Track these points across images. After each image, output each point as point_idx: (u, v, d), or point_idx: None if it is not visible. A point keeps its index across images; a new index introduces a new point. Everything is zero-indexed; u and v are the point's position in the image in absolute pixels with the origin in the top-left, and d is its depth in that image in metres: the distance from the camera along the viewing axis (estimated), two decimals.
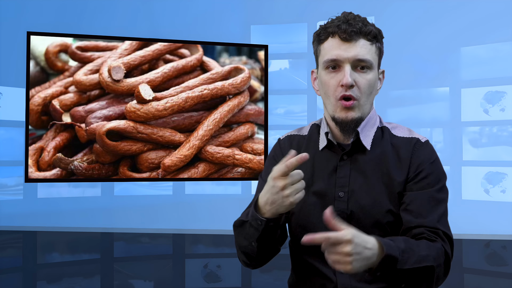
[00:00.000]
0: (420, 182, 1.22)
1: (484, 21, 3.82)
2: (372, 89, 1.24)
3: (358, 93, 1.21)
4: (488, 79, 3.85)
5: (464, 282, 3.28)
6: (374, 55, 1.23)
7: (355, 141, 1.25)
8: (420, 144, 1.27)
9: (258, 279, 3.41)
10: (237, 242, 1.27)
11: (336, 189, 1.24)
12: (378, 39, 1.24)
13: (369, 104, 1.26)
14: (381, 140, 1.28)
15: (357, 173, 1.24)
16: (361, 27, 1.20)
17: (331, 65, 1.23)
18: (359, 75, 1.21)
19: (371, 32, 1.21)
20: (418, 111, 3.99)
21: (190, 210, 4.13)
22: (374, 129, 1.29)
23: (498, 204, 3.78)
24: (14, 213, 4.03)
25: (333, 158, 1.27)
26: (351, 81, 1.19)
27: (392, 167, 1.24)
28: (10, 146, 3.96)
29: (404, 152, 1.25)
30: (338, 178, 1.25)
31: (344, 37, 1.20)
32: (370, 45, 1.22)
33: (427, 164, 1.24)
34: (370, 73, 1.22)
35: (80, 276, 3.43)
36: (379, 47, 1.25)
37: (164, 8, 4.21)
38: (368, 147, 1.25)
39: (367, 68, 1.22)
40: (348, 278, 1.22)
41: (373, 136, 1.28)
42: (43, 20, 3.88)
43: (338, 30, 1.21)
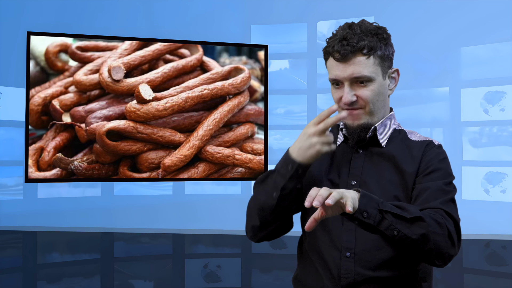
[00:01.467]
0: (429, 176, 1.26)
1: (484, 21, 3.82)
2: (378, 96, 1.28)
3: (362, 103, 1.27)
4: (488, 79, 3.84)
5: (464, 282, 3.28)
6: (372, 67, 1.25)
7: (371, 137, 1.30)
8: (433, 145, 1.33)
9: (258, 279, 3.41)
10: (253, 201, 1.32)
11: (349, 178, 1.30)
12: (376, 48, 1.25)
13: (379, 108, 1.30)
14: (396, 140, 1.33)
15: (370, 165, 1.30)
16: (355, 45, 1.23)
17: (334, 82, 1.29)
18: (359, 89, 1.26)
19: (365, 47, 1.23)
20: (418, 111, 3.99)
21: (190, 210, 4.13)
22: (391, 130, 1.34)
23: (498, 204, 3.78)
24: (14, 213, 4.03)
25: (349, 151, 1.34)
26: (350, 99, 1.25)
27: (403, 162, 1.29)
28: (10, 146, 3.96)
29: (416, 151, 1.31)
30: (352, 168, 1.31)
31: (338, 58, 1.25)
32: (367, 59, 1.24)
33: (436, 161, 1.29)
34: (372, 85, 1.26)
35: (80, 276, 3.43)
36: (379, 55, 1.26)
37: (164, 8, 4.21)
38: (383, 144, 1.31)
39: (366, 81, 1.25)
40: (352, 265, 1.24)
41: (389, 135, 1.33)
42: (43, 20, 3.88)
43: (333, 51, 1.26)
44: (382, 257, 1.24)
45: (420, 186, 1.25)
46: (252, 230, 1.33)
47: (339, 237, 1.26)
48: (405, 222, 1.13)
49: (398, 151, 1.30)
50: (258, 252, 3.70)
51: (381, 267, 1.24)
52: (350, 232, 1.26)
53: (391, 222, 1.12)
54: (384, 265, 1.24)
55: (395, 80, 1.36)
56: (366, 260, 1.24)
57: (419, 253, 1.16)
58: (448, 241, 1.16)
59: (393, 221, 1.12)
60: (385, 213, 1.13)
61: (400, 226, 1.13)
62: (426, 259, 1.18)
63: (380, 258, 1.24)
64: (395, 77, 1.36)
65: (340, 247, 1.26)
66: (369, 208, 1.11)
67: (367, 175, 1.29)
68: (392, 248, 1.23)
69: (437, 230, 1.14)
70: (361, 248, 1.25)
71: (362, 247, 1.25)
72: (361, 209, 1.11)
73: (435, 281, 3.18)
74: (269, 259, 3.66)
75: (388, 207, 1.13)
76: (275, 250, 3.71)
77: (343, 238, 1.26)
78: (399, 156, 1.29)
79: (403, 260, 1.26)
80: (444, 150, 1.35)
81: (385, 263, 1.24)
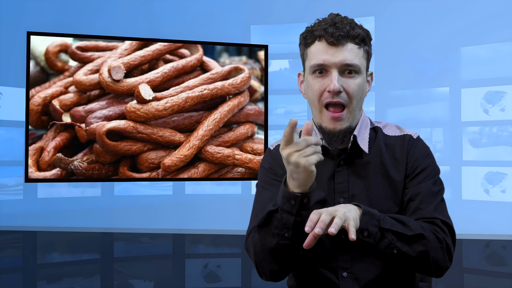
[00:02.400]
0: (416, 178, 1.22)
1: (484, 21, 3.82)
2: (361, 93, 1.21)
3: (346, 99, 1.18)
4: (488, 79, 3.84)
5: (464, 282, 3.28)
6: (362, 59, 1.20)
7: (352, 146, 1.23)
8: (413, 141, 1.26)
9: (258, 279, 3.41)
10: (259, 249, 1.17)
11: (336, 195, 1.23)
12: (366, 42, 1.21)
13: (358, 110, 1.23)
14: (375, 141, 1.26)
15: (355, 177, 1.23)
16: (349, 31, 1.17)
17: (318, 69, 1.19)
18: (347, 80, 1.18)
19: (359, 36, 1.18)
20: (418, 111, 3.99)
21: (190, 210, 4.13)
22: (367, 131, 1.27)
23: (498, 204, 3.78)
24: (14, 213, 4.03)
25: (330, 164, 1.24)
26: (339, 87, 1.16)
27: (390, 168, 1.23)
28: (10, 146, 3.95)
29: (399, 152, 1.25)
30: (337, 184, 1.23)
31: (331, 41, 1.17)
32: (358, 49, 1.19)
33: (422, 158, 1.24)
34: (358, 78, 1.19)
35: (80, 276, 3.43)
36: (367, 50, 1.22)
37: (164, 8, 4.21)
38: (366, 150, 1.24)
39: (355, 72, 1.18)
40: (351, 284, 1.21)
41: (368, 138, 1.26)
42: (43, 20, 3.87)
43: (325, 33, 1.18)
44: (379, 271, 1.22)
45: (411, 191, 1.21)
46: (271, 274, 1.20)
47: (334, 254, 1.22)
48: (406, 240, 1.11)
49: (380, 156, 1.24)
50: None
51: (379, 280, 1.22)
52: (346, 251, 1.22)
53: (391, 240, 1.10)
54: (382, 278, 1.22)
55: (369, 83, 1.27)
56: (364, 277, 1.21)
57: (416, 268, 1.16)
58: (446, 256, 1.15)
59: (393, 240, 1.10)
60: (385, 231, 1.10)
61: (400, 244, 1.11)
62: (422, 272, 1.17)
63: (377, 273, 1.22)
64: (370, 81, 1.27)
65: (336, 267, 1.22)
66: (370, 226, 1.08)
67: (354, 189, 1.22)
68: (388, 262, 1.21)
69: (437, 246, 1.13)
70: (358, 266, 1.21)
71: (358, 265, 1.21)
72: (362, 228, 1.08)
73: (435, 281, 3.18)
74: None
75: (388, 224, 1.10)
76: None
77: (339, 257, 1.22)
78: (384, 162, 1.23)
79: (400, 271, 1.24)
80: (423, 141, 1.28)
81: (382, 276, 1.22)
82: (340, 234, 1.23)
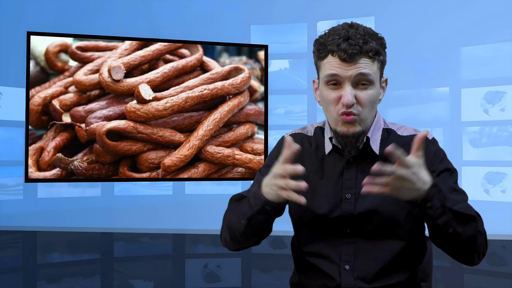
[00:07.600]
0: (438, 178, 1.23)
1: (484, 21, 3.82)
2: (374, 103, 1.23)
3: (359, 109, 1.20)
4: (488, 79, 3.84)
5: (464, 282, 3.28)
6: (375, 71, 1.20)
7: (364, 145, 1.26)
8: (428, 142, 1.28)
9: (258, 279, 3.41)
10: (226, 216, 1.30)
11: (343, 191, 1.25)
12: (380, 53, 1.21)
13: (372, 116, 1.25)
14: (387, 142, 1.27)
15: (363, 175, 1.23)
16: (362, 46, 1.17)
17: (331, 81, 1.21)
18: (360, 91, 1.20)
19: (372, 50, 1.18)
20: (418, 111, 3.99)
21: (190, 210, 4.13)
22: (380, 132, 1.29)
23: (498, 204, 3.78)
24: (14, 213, 4.03)
25: (340, 161, 1.28)
26: (352, 100, 1.18)
27: None
28: (10, 146, 3.95)
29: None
30: (345, 180, 1.26)
31: (344, 58, 1.17)
32: (372, 62, 1.19)
33: (438, 161, 1.26)
34: (371, 89, 1.21)
35: (80, 276, 3.43)
36: (381, 60, 1.22)
37: (164, 8, 4.21)
38: (377, 152, 1.26)
39: (368, 83, 1.20)
40: (352, 278, 1.22)
41: (380, 139, 1.28)
42: (43, 20, 3.87)
43: (338, 50, 1.18)
44: (381, 267, 1.23)
45: None
46: (224, 241, 1.31)
47: (338, 248, 1.24)
48: (460, 220, 1.12)
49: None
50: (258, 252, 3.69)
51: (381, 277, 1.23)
52: (350, 244, 1.24)
53: (449, 219, 1.11)
54: (384, 275, 1.23)
55: (384, 89, 1.29)
56: (366, 272, 1.22)
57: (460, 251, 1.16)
58: (486, 242, 1.17)
59: (451, 219, 1.11)
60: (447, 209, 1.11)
61: (455, 224, 1.11)
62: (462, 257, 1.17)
63: (379, 269, 1.23)
64: (384, 87, 1.29)
65: (339, 260, 1.24)
66: (435, 200, 1.09)
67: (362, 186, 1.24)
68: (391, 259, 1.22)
69: (482, 231, 1.16)
70: (361, 260, 1.23)
71: (361, 259, 1.23)
72: (426, 198, 1.08)
73: (435, 281, 3.18)
74: (269, 259, 3.66)
75: (450, 203, 1.11)
76: (275, 250, 3.71)
77: (342, 250, 1.24)
78: None
79: (402, 268, 1.25)
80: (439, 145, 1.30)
81: (384, 273, 1.23)
82: (345, 228, 1.24)
